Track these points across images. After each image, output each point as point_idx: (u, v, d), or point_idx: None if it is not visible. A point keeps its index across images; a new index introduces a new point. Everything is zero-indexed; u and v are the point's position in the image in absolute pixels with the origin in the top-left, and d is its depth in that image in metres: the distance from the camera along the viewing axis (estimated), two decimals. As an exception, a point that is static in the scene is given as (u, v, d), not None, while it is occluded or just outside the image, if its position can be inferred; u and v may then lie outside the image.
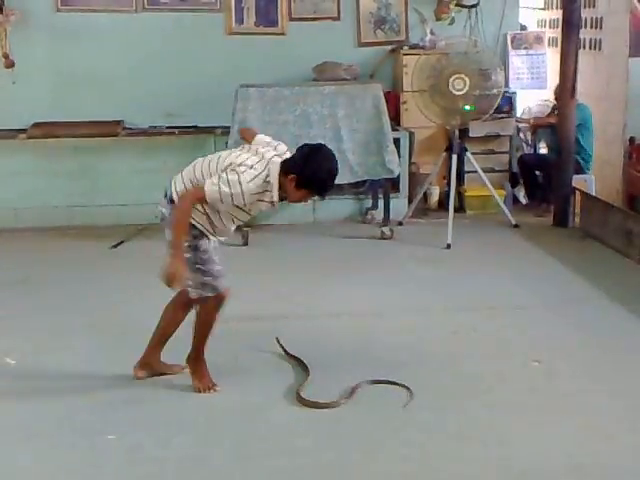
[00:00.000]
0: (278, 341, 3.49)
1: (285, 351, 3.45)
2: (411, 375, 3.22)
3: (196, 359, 3.16)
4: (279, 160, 2.91)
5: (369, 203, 5.94)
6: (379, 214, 5.73)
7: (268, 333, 3.63)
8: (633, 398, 3.08)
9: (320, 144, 3.12)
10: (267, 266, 4.86)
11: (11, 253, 5.23)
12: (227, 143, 5.40)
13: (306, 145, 3.03)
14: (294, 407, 3.01)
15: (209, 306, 3.04)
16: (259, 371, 3.34)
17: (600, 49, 6.13)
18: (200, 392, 3.09)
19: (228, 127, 5.42)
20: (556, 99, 6.00)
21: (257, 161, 2.87)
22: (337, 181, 5.48)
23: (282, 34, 6.10)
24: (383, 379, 3.18)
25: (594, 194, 5.77)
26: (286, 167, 2.88)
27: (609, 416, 2.95)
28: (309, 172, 2.87)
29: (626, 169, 5.91)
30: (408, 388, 3.10)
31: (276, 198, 2.88)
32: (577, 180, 5.77)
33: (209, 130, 5.86)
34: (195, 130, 5.92)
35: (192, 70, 6.02)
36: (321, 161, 2.93)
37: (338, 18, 6.17)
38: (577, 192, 5.70)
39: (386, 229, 5.45)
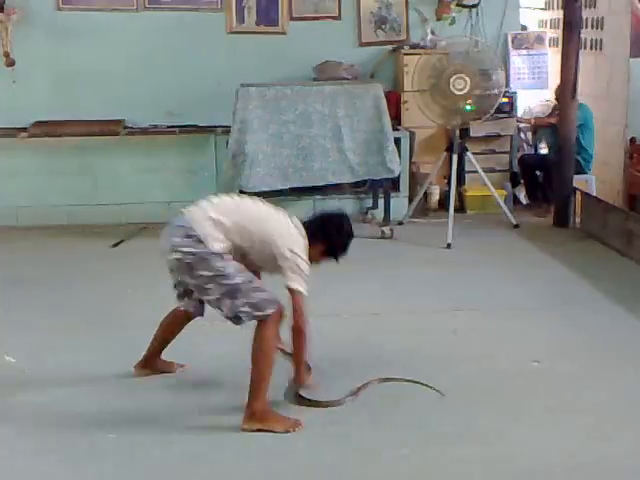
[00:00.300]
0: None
1: (283, 351, 3.44)
2: (411, 375, 3.22)
3: (260, 404, 2.81)
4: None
5: (369, 202, 5.94)
6: (379, 214, 5.74)
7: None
8: (633, 398, 3.08)
9: (341, 213, 3.16)
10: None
11: (12, 251, 5.22)
12: (227, 142, 5.42)
13: (330, 216, 3.08)
14: (294, 406, 3.01)
15: (271, 323, 2.81)
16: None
17: (601, 49, 6.13)
18: (290, 432, 2.81)
19: (229, 126, 5.42)
20: (557, 99, 6.01)
21: (298, 233, 2.92)
22: (338, 180, 5.63)
23: (283, 33, 6.11)
24: (392, 377, 3.19)
25: (595, 194, 5.76)
26: (315, 237, 2.95)
27: (609, 416, 2.95)
28: (339, 242, 3.01)
29: (627, 169, 5.91)
30: (428, 385, 3.12)
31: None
32: (578, 180, 5.77)
33: (210, 129, 5.87)
34: (196, 129, 5.93)
35: (193, 69, 6.03)
36: (347, 230, 3.04)
37: (339, 17, 6.18)
38: (578, 192, 5.70)
39: (386, 228, 5.45)
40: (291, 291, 2.82)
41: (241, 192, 5.42)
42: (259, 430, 2.80)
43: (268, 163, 5.34)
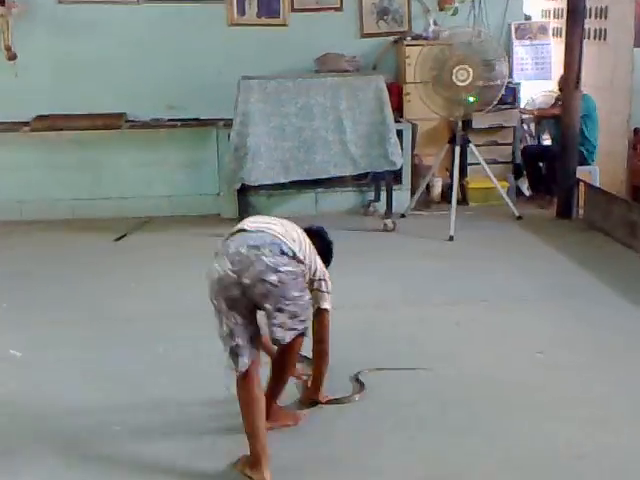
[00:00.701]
0: None
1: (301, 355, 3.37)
2: (412, 366, 3.22)
3: (275, 405, 2.81)
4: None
5: (371, 195, 5.93)
6: (381, 206, 5.72)
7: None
8: (636, 389, 3.08)
9: (324, 230, 3.01)
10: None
11: (15, 246, 5.24)
12: (229, 135, 5.40)
13: (321, 234, 2.95)
14: (295, 400, 3.02)
15: (303, 336, 2.70)
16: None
17: (605, 39, 6.08)
18: (299, 424, 2.86)
19: (230, 119, 5.40)
20: (560, 90, 5.97)
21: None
22: (340, 173, 5.62)
23: (284, 25, 6.08)
24: (382, 367, 3.23)
25: (598, 185, 5.73)
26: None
27: (614, 407, 2.95)
28: (329, 262, 2.99)
29: (630, 160, 5.88)
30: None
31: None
32: (581, 171, 5.74)
33: (211, 122, 5.85)
34: (197, 122, 5.91)
35: (194, 62, 6.01)
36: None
37: (340, 9, 6.14)
38: (581, 183, 5.67)
39: (388, 221, 5.44)
40: (325, 311, 2.87)
41: (243, 186, 5.43)
42: (270, 429, 2.74)
43: (270, 156, 5.33)
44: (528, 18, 6.65)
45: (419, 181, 5.89)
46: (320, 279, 2.83)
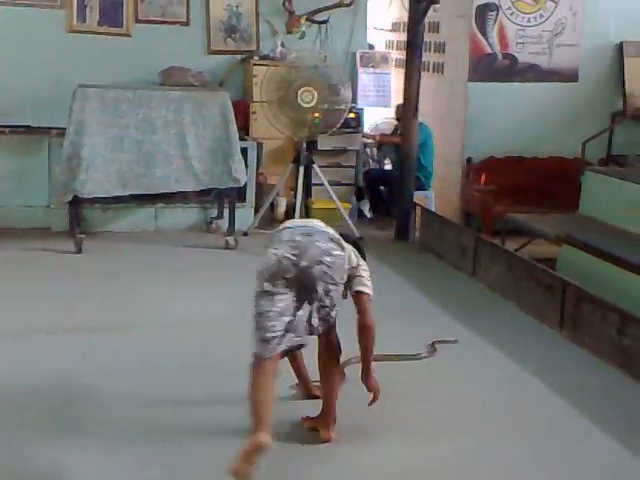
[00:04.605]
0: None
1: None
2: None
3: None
4: None
5: (214, 212, 5.83)
6: (224, 224, 5.63)
7: (98, 344, 3.52)
8: (459, 408, 3.18)
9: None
10: (102, 276, 4.63)
11: None
12: (63, 145, 5.11)
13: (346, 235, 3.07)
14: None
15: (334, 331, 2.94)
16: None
17: (442, 72, 6.43)
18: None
19: (64, 128, 5.12)
20: (397, 118, 6.21)
21: None
22: (181, 188, 5.48)
23: (127, 35, 5.89)
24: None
25: (434, 210, 5.99)
26: None
27: (436, 426, 3.03)
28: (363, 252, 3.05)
29: (463, 187, 6.22)
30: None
31: None
32: (418, 196, 5.97)
33: (44, 131, 5.51)
34: (27, 130, 5.55)
35: (28, 67, 5.70)
36: None
37: (187, 23, 6.07)
38: (417, 207, 5.90)
39: (231, 239, 5.36)
40: (367, 295, 2.93)
41: (75, 197, 5.13)
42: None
43: (106, 168, 5.10)
44: (372, 47, 6.90)
45: (263, 199, 5.87)
46: (359, 265, 2.91)
